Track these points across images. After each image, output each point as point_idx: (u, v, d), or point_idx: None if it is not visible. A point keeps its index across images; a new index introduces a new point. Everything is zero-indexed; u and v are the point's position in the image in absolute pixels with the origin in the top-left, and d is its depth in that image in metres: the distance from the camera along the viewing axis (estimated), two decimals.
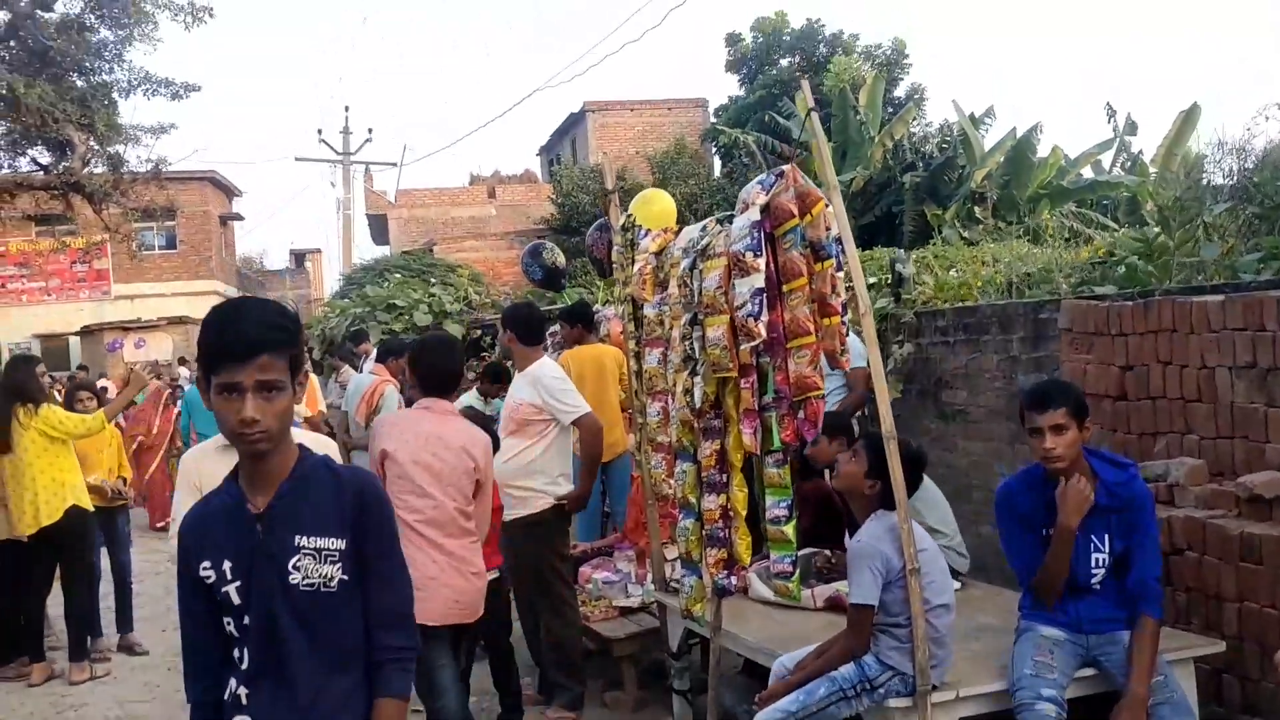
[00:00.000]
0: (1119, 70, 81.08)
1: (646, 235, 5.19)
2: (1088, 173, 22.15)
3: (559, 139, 35.21)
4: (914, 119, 26.28)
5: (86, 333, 29.15)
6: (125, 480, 7.76)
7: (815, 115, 4.06)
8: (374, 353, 10.20)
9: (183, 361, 22.93)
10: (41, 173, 21.80)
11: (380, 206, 32.19)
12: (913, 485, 3.97)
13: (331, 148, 28.87)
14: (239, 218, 36.86)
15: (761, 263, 4.01)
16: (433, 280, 16.30)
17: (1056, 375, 5.93)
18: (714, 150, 31.00)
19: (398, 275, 16.87)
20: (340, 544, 2.29)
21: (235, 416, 2.17)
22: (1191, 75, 73.28)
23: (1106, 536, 3.82)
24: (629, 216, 5.36)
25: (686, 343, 4.54)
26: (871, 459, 3.88)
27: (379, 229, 33.43)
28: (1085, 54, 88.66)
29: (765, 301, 3.99)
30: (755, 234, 4.03)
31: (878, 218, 21.83)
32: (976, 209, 20.22)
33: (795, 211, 4.00)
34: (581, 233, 25.19)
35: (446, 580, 4.26)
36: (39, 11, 19.88)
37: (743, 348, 4.13)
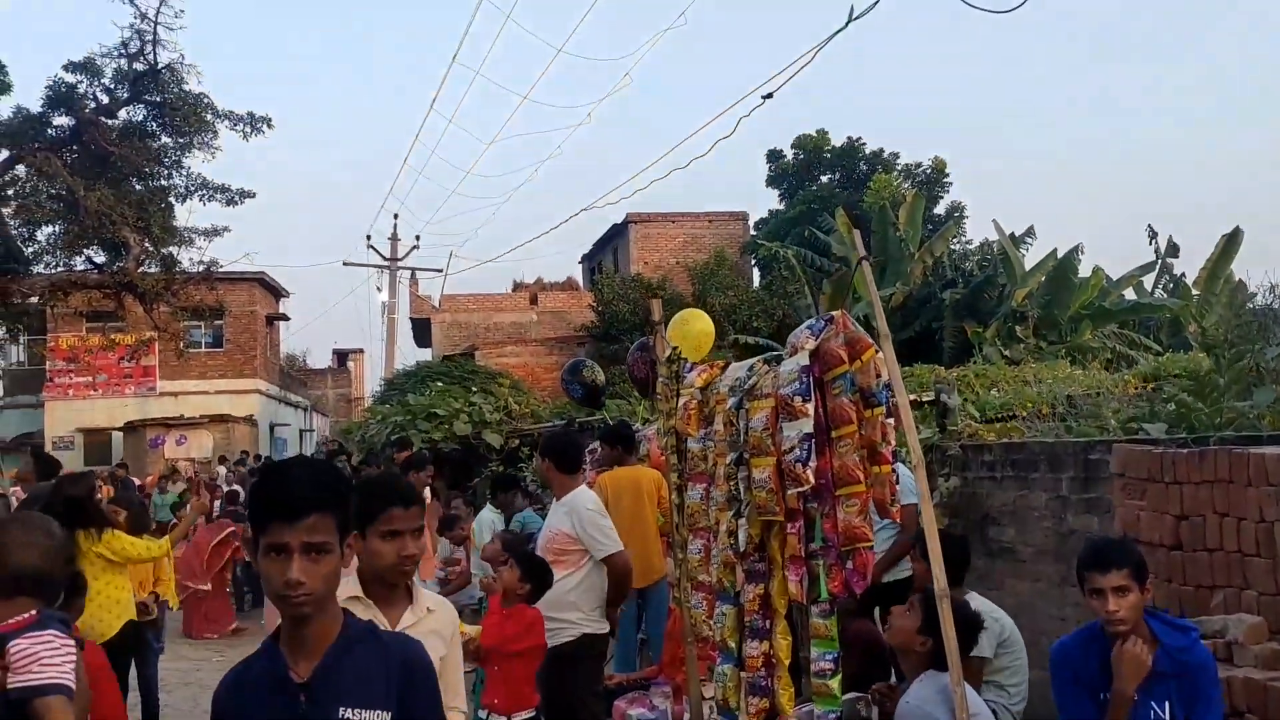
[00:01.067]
0: (1160, 193, 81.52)
1: (692, 369, 5.18)
2: (1130, 294, 22.10)
3: (601, 248, 35.73)
4: (954, 236, 26.46)
5: (130, 428, 29.53)
6: (157, 596, 7.67)
7: (867, 265, 4.05)
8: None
9: (222, 460, 23.11)
10: (96, 272, 22.38)
11: (424, 311, 32.64)
12: (966, 647, 3.85)
13: (379, 253, 29.47)
14: (285, 318, 37.48)
15: (810, 408, 3.97)
16: (473, 388, 16.39)
17: (1109, 518, 5.80)
18: (753, 262, 31.30)
19: (439, 382, 16.98)
20: (386, 717, 2.22)
21: (280, 578, 2.13)
22: (1233, 199, 73.47)
23: (1167, 704, 3.66)
24: (674, 350, 5.35)
25: (731, 482, 4.49)
26: (925, 615, 3.77)
27: (422, 332, 33.84)
28: (1126, 176, 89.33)
29: (814, 447, 3.94)
30: (804, 378, 4.01)
31: (917, 333, 21.82)
32: (1017, 328, 20.17)
33: (845, 357, 3.98)
34: (620, 340, 25.43)
35: None
36: (103, 118, 20.65)
37: (790, 492, 4.07)
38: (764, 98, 7.89)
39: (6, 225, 21.25)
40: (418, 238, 29.98)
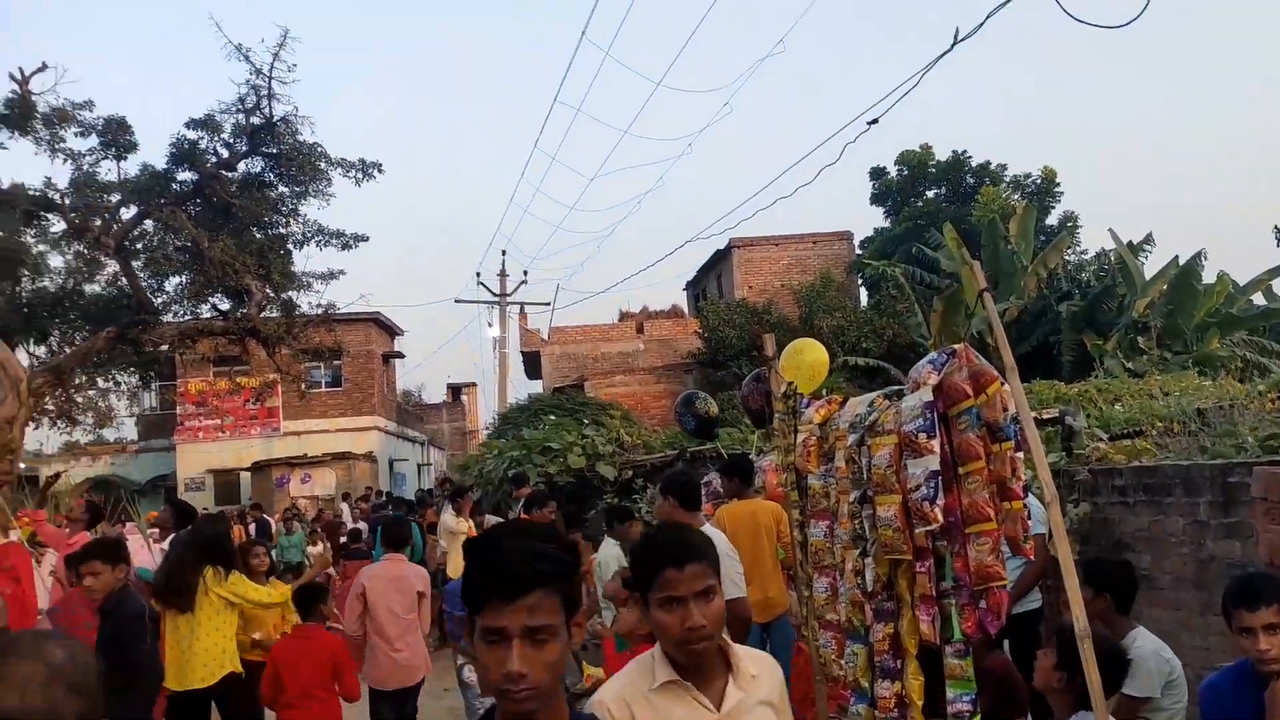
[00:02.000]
0: None
1: (809, 405, 5.15)
2: (1259, 299, 21.23)
3: (705, 273, 35.77)
4: (1068, 247, 25.77)
5: (257, 468, 30.58)
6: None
7: (989, 297, 3.98)
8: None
9: (345, 497, 23.70)
10: (221, 319, 23.32)
11: (534, 344, 33.11)
12: (1111, 686, 3.73)
13: (489, 289, 30.00)
14: (400, 355, 38.40)
15: (935, 444, 3.91)
16: (585, 420, 16.54)
17: (1251, 543, 5.56)
18: (860, 282, 30.95)
19: (551, 415, 17.19)
20: None
21: (499, 669, 1.91)
22: None
23: None
24: (790, 385, 5.33)
25: (855, 520, 4.44)
26: (1060, 653, 3.67)
27: (532, 365, 34.32)
28: (1248, 177, 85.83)
29: (941, 484, 3.87)
30: (928, 414, 3.95)
31: (1034, 348, 21.29)
32: (1140, 339, 19.51)
33: (970, 391, 3.92)
34: (728, 366, 25.40)
35: None
36: (223, 171, 21.55)
37: (918, 531, 4.01)
38: (869, 123, 7.84)
39: (137, 277, 22.29)
40: (525, 273, 30.61)
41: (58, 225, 23.02)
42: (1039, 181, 30.43)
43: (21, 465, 23.48)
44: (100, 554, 5.99)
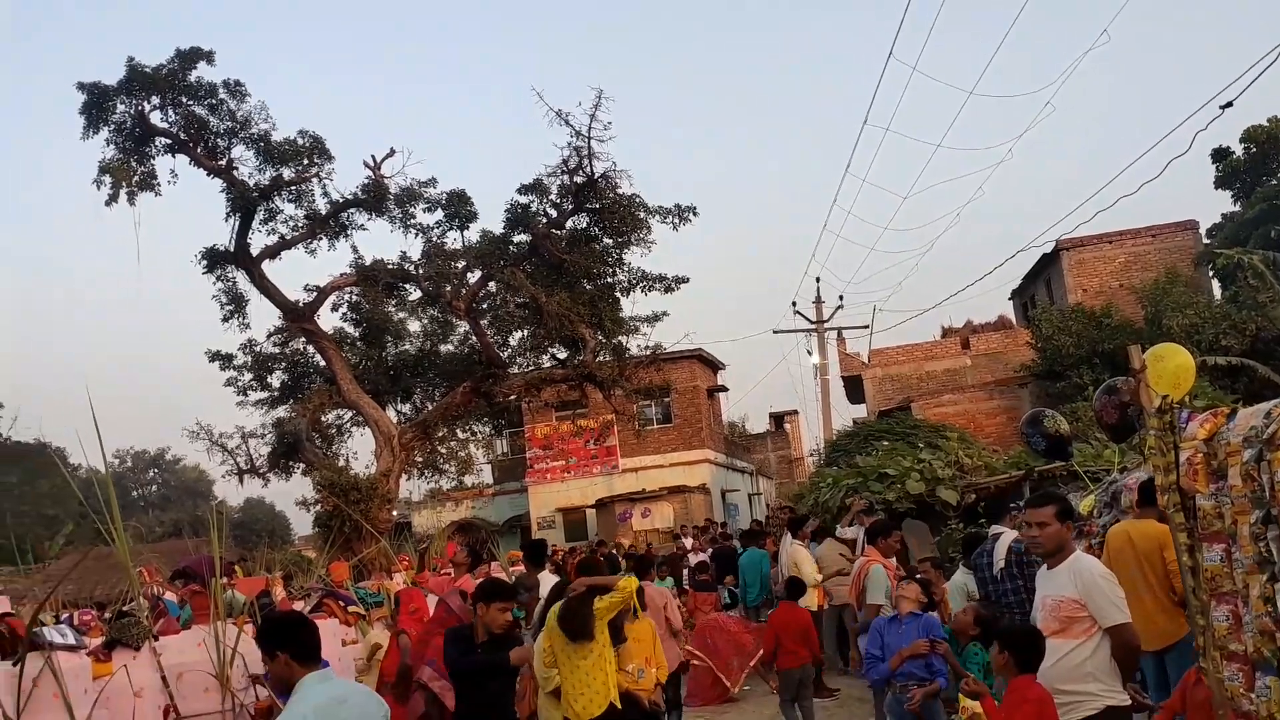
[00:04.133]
0: None
1: (1189, 419, 4.83)
2: None
3: (1032, 281, 34.05)
4: None
5: (600, 505, 32.19)
6: (663, 685, 7.93)
7: None
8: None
9: (683, 530, 24.41)
10: (560, 367, 24.85)
11: (854, 368, 32.79)
12: None
13: (806, 317, 30.11)
14: (724, 389, 39.20)
15: None
16: (920, 444, 16.16)
17: None
18: (1211, 274, 28.36)
19: (884, 441, 16.93)
20: None
21: None
22: None
23: None
24: (1165, 399, 5.01)
25: (1260, 543, 4.10)
26: None
27: (854, 389, 33.98)
28: None
29: None
30: None
31: None
32: None
33: None
34: (1066, 377, 23.96)
35: None
36: (553, 230, 23.02)
37: None
38: (1222, 107, 7.25)
39: (485, 335, 24.23)
40: (841, 298, 30.45)
41: (414, 294, 25.51)
42: None
43: (394, 513, 26.08)
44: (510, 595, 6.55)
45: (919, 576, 9.89)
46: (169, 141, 21.89)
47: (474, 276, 23.55)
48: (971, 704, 5.61)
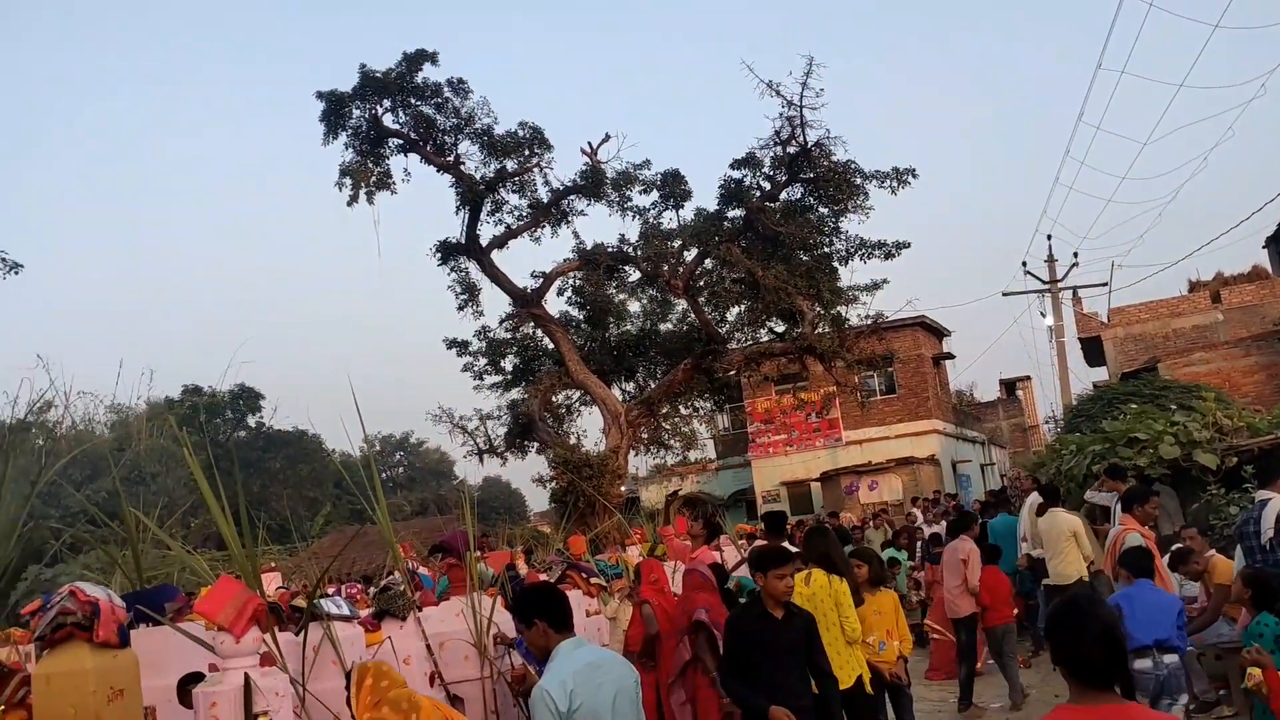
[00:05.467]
0: None
1: None
2: None
3: None
4: None
5: (825, 478, 31.94)
6: (905, 658, 7.88)
7: None
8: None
9: (914, 501, 23.89)
10: (779, 340, 24.77)
11: (1092, 328, 31.08)
12: None
13: (1037, 278, 28.73)
14: (950, 356, 38.01)
15: None
16: (1171, 406, 15.15)
17: None
18: None
19: (1131, 404, 15.96)
20: None
21: None
22: None
23: None
24: None
25: None
26: None
27: (1093, 351, 32.22)
28: None
29: None
30: None
31: None
32: None
33: None
34: None
35: None
36: (767, 203, 22.91)
37: None
38: None
39: (703, 312, 24.44)
40: (1075, 255, 28.63)
41: (633, 275, 26.01)
42: None
43: (624, 488, 26.72)
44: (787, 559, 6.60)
45: (1181, 545, 9.36)
46: (401, 141, 23.15)
47: (690, 254, 23.78)
48: (1257, 672, 5.43)
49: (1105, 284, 38.09)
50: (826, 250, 23.33)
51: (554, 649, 4.06)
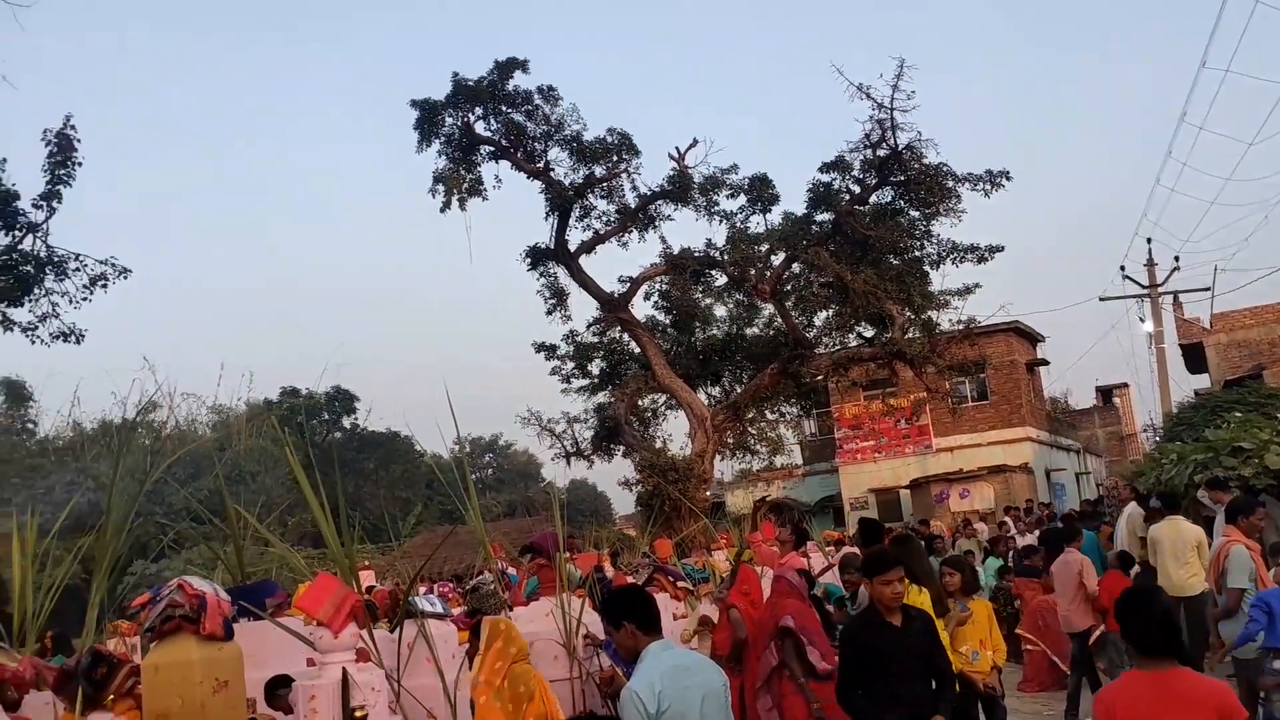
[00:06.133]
0: None
1: None
2: None
3: None
4: None
5: (915, 485, 31.46)
6: (999, 669, 7.69)
7: None
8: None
9: (1008, 510, 23.41)
10: (867, 345, 24.53)
11: (1193, 335, 30.07)
12: None
13: (1136, 282, 27.92)
14: (1044, 363, 37.16)
15: None
16: (1278, 415, 14.63)
17: None
18: None
19: (1235, 413, 15.44)
20: None
21: None
22: None
23: None
24: None
25: None
26: None
27: (1194, 358, 31.17)
28: None
29: None
30: None
31: None
32: None
33: None
34: None
35: None
36: (856, 207, 22.72)
37: None
38: None
39: (790, 317, 24.33)
40: (1176, 259, 27.75)
41: (720, 279, 26.02)
42: None
43: (708, 493, 26.69)
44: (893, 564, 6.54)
45: None
46: (492, 149, 23.51)
47: (778, 259, 23.70)
48: None
49: (1207, 289, 36.69)
50: (917, 254, 23.07)
51: (642, 651, 4.08)
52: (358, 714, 5.05)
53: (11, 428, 33.71)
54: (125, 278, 18.82)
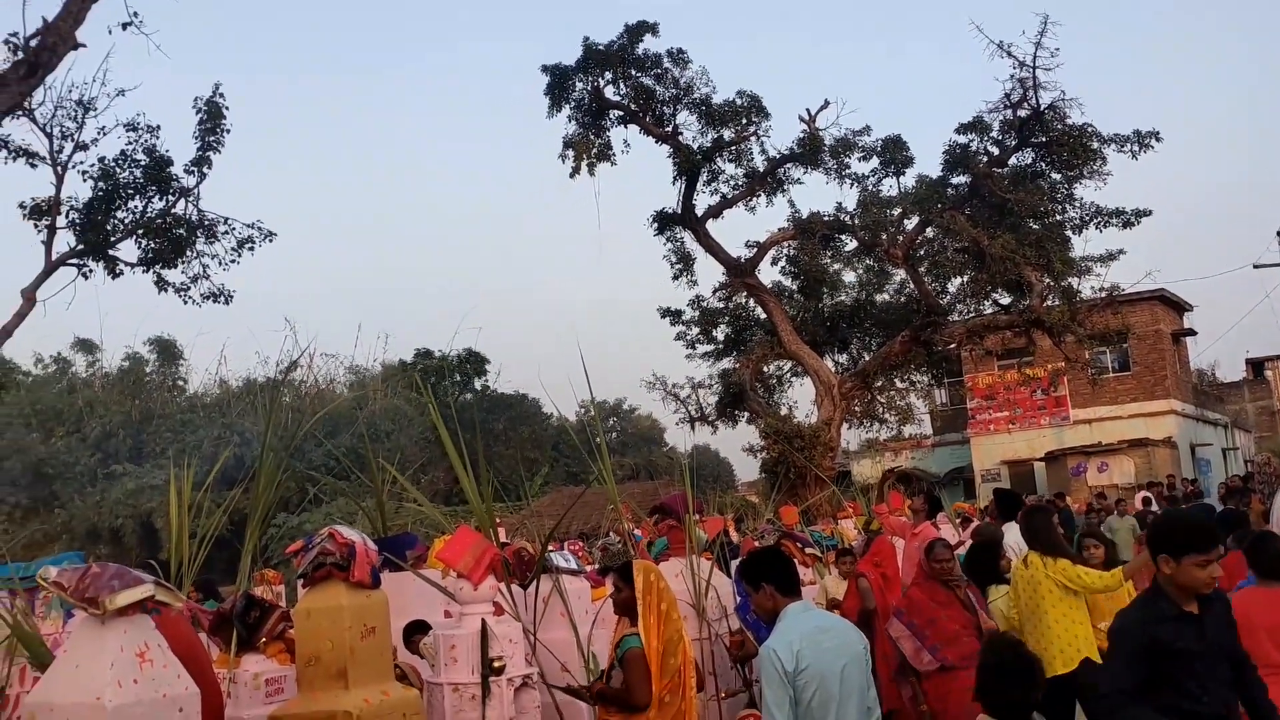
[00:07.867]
0: None
1: None
2: None
3: None
4: None
5: (1050, 458, 30.53)
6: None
7: None
8: None
9: (1150, 485, 22.53)
10: (1004, 313, 23.81)
11: None
12: None
13: None
14: (1191, 333, 35.52)
15: None
16: None
17: None
18: None
19: None
20: None
21: None
22: None
23: None
24: None
25: None
26: None
27: None
28: None
29: None
30: None
31: None
32: None
33: None
34: None
35: None
36: (994, 169, 21.99)
37: None
38: None
39: (923, 283, 23.75)
40: None
41: (850, 244, 25.55)
42: None
43: (835, 462, 26.41)
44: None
45: None
46: (621, 113, 23.51)
47: (911, 223, 23.16)
48: None
49: None
50: (1058, 218, 22.25)
51: (782, 611, 4.06)
52: (496, 664, 5.17)
53: (164, 385, 35.46)
54: (270, 240, 19.56)
